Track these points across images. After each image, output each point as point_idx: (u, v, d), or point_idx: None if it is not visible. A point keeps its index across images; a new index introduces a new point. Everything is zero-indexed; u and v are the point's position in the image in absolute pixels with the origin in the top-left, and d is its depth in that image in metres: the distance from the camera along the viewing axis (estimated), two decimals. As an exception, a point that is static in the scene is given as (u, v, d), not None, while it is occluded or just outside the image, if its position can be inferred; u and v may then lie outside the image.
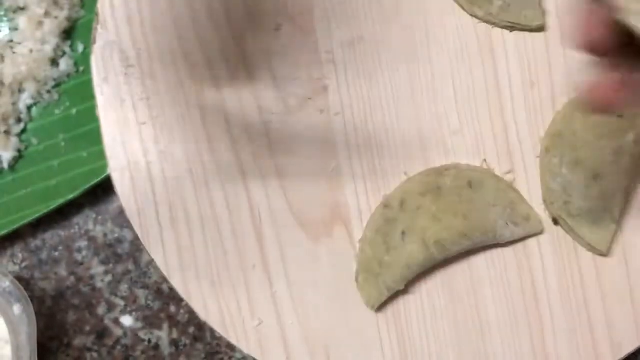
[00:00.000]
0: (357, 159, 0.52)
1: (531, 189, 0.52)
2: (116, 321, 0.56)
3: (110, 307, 0.56)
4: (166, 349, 0.56)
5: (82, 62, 0.57)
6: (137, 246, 0.57)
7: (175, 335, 0.56)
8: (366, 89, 0.52)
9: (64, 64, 0.57)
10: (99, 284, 0.57)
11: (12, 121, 0.56)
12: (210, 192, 0.51)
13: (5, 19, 0.57)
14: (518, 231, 0.50)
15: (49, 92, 0.57)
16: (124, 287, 0.56)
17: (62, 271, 0.57)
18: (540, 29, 0.52)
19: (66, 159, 0.55)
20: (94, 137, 0.54)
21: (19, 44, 0.57)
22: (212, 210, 0.51)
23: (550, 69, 0.52)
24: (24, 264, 0.57)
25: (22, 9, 0.57)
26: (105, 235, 0.57)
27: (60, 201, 0.55)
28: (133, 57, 0.52)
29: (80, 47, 0.57)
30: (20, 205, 0.55)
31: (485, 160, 0.52)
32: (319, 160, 0.52)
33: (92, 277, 0.57)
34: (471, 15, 0.52)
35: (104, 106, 0.52)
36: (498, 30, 0.52)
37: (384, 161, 0.52)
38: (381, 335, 0.51)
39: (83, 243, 0.57)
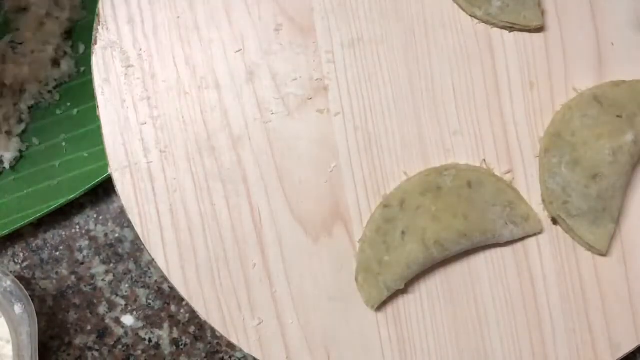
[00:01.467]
0: (357, 159, 0.52)
1: (530, 189, 0.52)
2: (117, 320, 0.56)
3: (111, 306, 0.57)
4: (167, 348, 0.56)
5: (83, 63, 0.57)
6: (137, 246, 0.57)
7: (175, 334, 0.56)
8: (366, 89, 0.52)
9: (65, 65, 0.57)
10: (100, 284, 0.57)
11: (13, 121, 0.56)
12: (210, 191, 0.52)
13: (6, 19, 0.58)
14: (517, 231, 0.50)
15: (50, 92, 0.57)
16: (124, 287, 0.57)
17: (63, 271, 0.57)
18: (540, 29, 0.52)
19: (67, 159, 0.56)
20: (95, 137, 0.54)
21: (20, 44, 0.57)
22: (212, 210, 0.51)
23: (549, 70, 0.52)
24: (25, 264, 0.57)
25: (24, 9, 0.57)
26: (106, 235, 0.57)
27: (61, 201, 0.55)
28: (133, 57, 0.52)
29: (81, 48, 0.57)
30: (22, 205, 0.55)
31: (484, 160, 0.52)
32: (319, 160, 0.52)
33: (92, 277, 0.57)
34: (470, 15, 0.52)
35: (104, 106, 0.52)
36: (497, 30, 0.52)
37: (384, 161, 0.52)
38: (381, 334, 0.51)
39: (84, 243, 0.57)
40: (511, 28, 0.52)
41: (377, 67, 0.52)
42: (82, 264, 0.57)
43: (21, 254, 0.57)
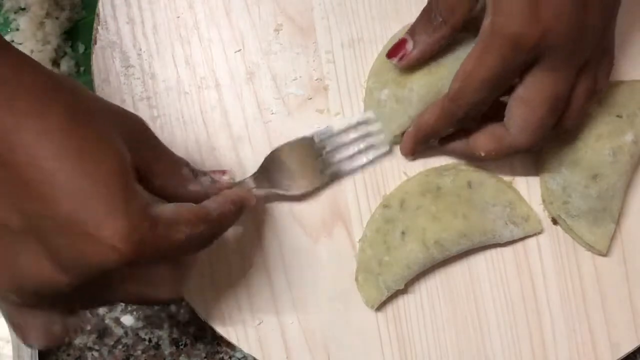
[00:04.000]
0: (357, 158, 0.52)
1: (530, 189, 0.52)
2: (117, 320, 0.56)
3: (111, 306, 0.56)
4: (167, 348, 0.56)
5: (83, 63, 0.57)
6: (137, 246, 0.57)
7: (175, 334, 0.56)
8: (366, 89, 0.52)
9: (65, 65, 0.57)
10: (100, 284, 0.57)
11: (13, 121, 0.56)
12: (210, 192, 0.51)
13: (6, 19, 0.58)
14: (517, 231, 0.50)
15: (50, 92, 0.57)
16: (124, 287, 0.57)
17: (63, 271, 0.57)
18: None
19: (67, 159, 0.55)
20: (95, 137, 0.54)
21: (20, 44, 0.57)
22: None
23: (549, 69, 0.52)
24: (25, 264, 0.57)
25: (23, 9, 0.57)
26: (106, 235, 0.57)
27: (61, 201, 0.55)
28: (133, 57, 0.52)
29: (81, 48, 0.57)
30: (22, 205, 0.55)
31: (484, 160, 0.52)
32: (319, 160, 0.52)
33: (93, 277, 0.57)
34: (470, 15, 0.52)
35: (104, 106, 0.52)
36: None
37: (384, 161, 0.52)
38: (381, 334, 0.51)
39: (84, 243, 0.57)
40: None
41: (377, 67, 0.52)
42: (82, 264, 0.57)
43: (21, 254, 0.57)
